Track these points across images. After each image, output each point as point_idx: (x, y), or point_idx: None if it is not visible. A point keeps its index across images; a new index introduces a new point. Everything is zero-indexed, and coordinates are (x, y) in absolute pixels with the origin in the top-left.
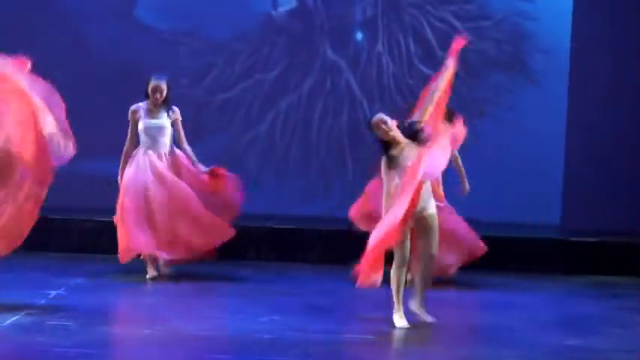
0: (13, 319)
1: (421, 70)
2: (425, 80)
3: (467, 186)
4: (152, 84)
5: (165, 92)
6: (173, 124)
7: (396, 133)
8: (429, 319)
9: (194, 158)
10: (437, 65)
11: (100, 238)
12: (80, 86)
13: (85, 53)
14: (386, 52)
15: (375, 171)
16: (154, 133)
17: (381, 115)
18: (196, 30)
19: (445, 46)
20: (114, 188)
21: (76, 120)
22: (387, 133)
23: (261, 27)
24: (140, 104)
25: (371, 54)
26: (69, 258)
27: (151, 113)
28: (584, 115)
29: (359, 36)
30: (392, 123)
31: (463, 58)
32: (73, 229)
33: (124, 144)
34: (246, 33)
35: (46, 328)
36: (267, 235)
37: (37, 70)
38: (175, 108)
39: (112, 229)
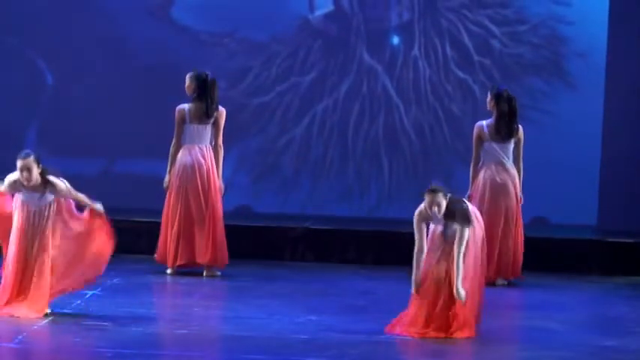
0: (50, 319)
1: (457, 75)
2: (461, 84)
3: None
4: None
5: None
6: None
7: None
8: None
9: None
10: (473, 70)
11: (137, 239)
12: (116, 86)
13: (121, 53)
14: (422, 56)
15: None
16: None
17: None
18: (233, 32)
19: (481, 50)
20: (150, 188)
21: (112, 120)
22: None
23: (298, 30)
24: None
25: (407, 58)
26: None
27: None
28: (620, 117)
29: (395, 40)
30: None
31: (500, 62)
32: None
33: (161, 144)
34: (282, 36)
35: (82, 328)
36: (303, 236)
37: (73, 70)
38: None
39: (149, 229)
